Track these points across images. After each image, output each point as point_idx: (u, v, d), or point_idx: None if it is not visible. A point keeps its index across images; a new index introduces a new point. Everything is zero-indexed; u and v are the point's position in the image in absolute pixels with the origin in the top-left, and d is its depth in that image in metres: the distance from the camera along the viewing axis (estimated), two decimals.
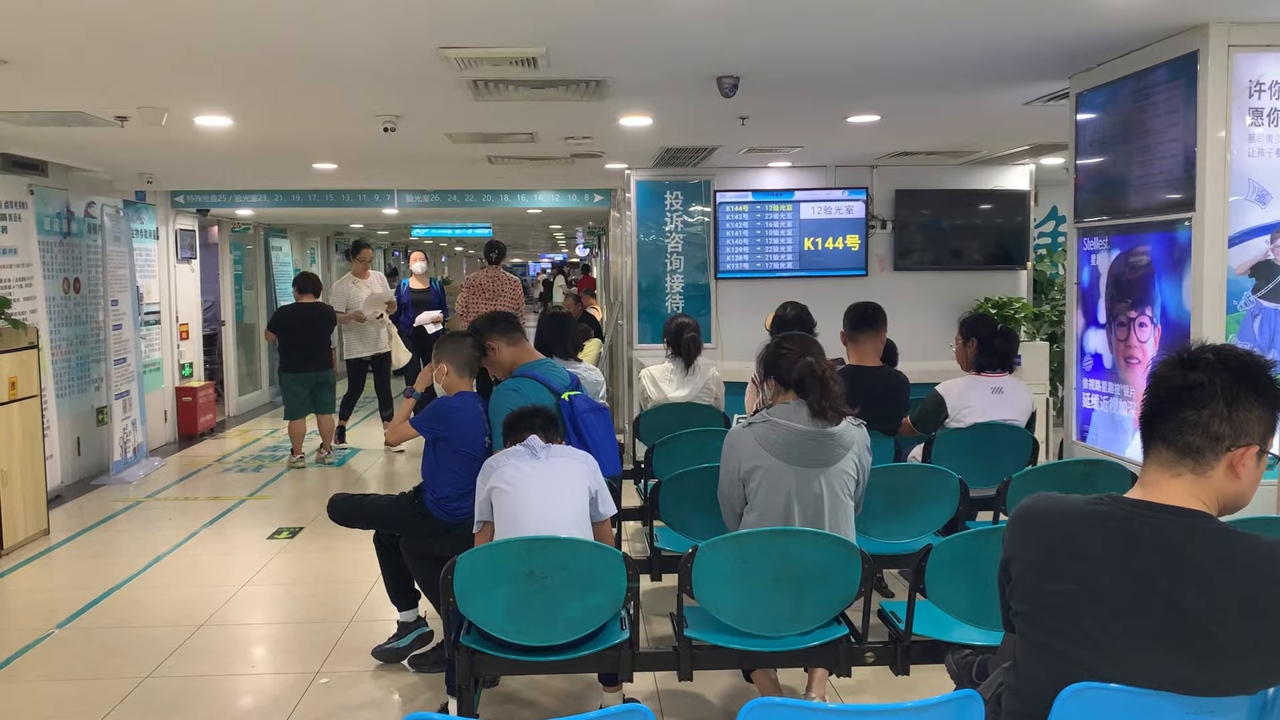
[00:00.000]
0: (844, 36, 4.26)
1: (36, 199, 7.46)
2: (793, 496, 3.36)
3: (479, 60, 4.47)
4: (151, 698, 4.15)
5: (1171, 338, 4.22)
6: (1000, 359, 4.94)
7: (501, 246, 9.62)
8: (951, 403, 4.86)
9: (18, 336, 6.37)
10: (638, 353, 8.52)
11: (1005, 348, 4.96)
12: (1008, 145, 7.76)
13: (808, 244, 8.52)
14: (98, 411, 8.41)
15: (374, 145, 7.06)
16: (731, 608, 3.22)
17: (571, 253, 28.89)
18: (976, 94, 5.51)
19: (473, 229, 15.63)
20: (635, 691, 3.97)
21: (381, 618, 4.84)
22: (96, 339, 8.44)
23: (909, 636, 3.23)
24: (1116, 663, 1.79)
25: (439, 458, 4.22)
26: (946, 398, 4.89)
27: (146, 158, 7.90)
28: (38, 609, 5.30)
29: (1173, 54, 4.16)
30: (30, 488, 6.45)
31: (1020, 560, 1.91)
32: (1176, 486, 1.84)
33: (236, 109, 5.84)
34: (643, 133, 6.67)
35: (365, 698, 4.16)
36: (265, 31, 4.05)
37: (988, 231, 8.69)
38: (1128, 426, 4.54)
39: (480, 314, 4.81)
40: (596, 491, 3.61)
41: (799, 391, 3.40)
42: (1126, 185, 4.54)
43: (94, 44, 4.24)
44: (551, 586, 3.17)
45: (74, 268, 8.22)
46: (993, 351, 4.93)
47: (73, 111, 5.69)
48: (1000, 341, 4.97)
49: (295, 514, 7.16)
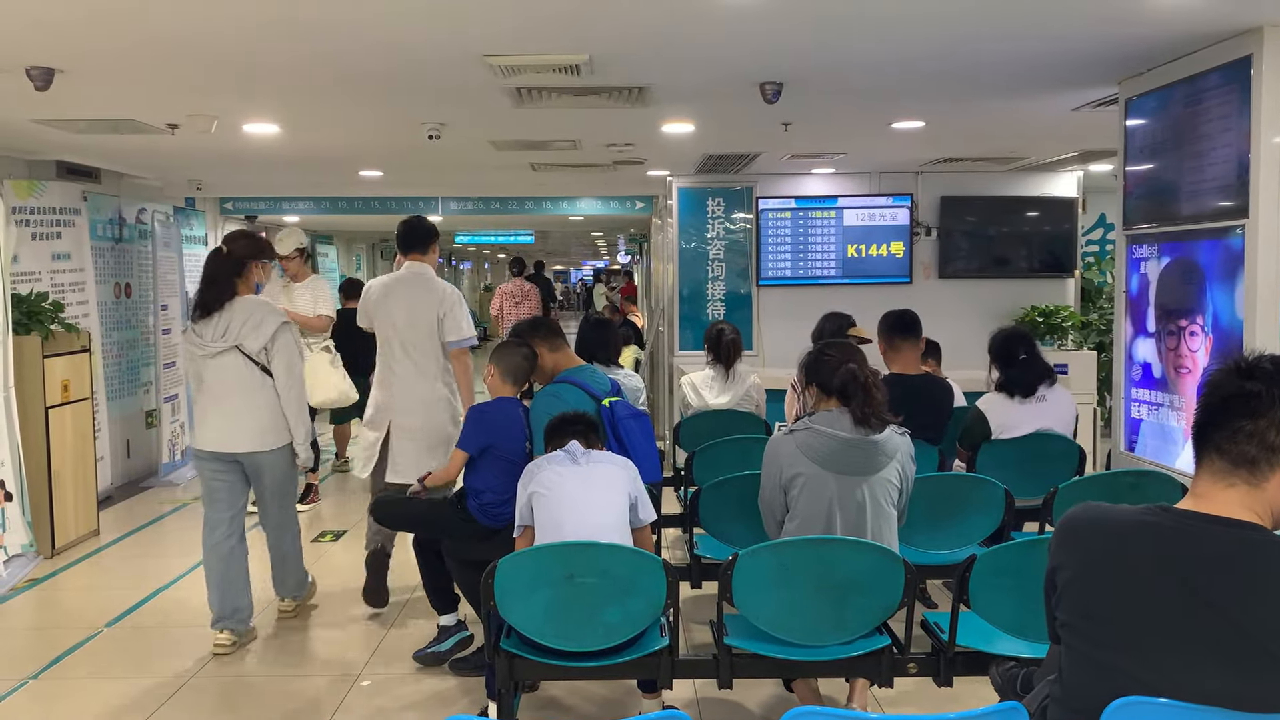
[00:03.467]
0: (888, 41, 4.23)
1: (90, 205, 7.60)
2: (834, 504, 3.33)
3: (522, 68, 4.49)
4: (197, 697, 4.21)
5: (1223, 347, 4.14)
6: (1022, 389, 4.70)
7: (523, 261, 12.10)
8: (995, 420, 4.73)
9: (70, 340, 6.49)
10: (679, 360, 8.51)
11: (1025, 379, 4.70)
12: (1055, 151, 7.67)
13: (851, 251, 8.47)
14: (147, 414, 8.55)
15: (419, 153, 7.12)
16: (772, 616, 3.20)
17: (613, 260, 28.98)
18: (1024, 99, 5.45)
19: (515, 235, 15.72)
20: (674, 699, 3.96)
21: (423, 621, 4.87)
22: (146, 343, 8.59)
23: (952, 647, 3.19)
24: (1164, 676, 1.75)
25: (482, 463, 4.24)
26: (989, 413, 4.74)
27: (196, 165, 8.03)
28: (87, 608, 5.39)
29: (1226, 58, 4.09)
30: (81, 489, 6.56)
31: (1066, 570, 1.88)
32: (1229, 497, 1.80)
33: (284, 117, 5.92)
34: (685, 139, 6.67)
35: (406, 701, 4.18)
36: (313, 41, 4.10)
37: (1035, 239, 8.59)
38: (1177, 437, 4.46)
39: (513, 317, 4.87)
40: (636, 497, 3.60)
41: (841, 398, 3.38)
42: (1177, 192, 4.46)
43: (146, 54, 4.32)
44: (591, 591, 3.17)
45: (125, 273, 8.37)
46: (1012, 382, 4.71)
47: (125, 119, 5.80)
48: (1021, 372, 4.71)
49: (340, 517, 7.23)
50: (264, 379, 4.59)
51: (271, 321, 4.59)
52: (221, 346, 4.53)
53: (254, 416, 4.59)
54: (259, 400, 4.58)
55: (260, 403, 4.59)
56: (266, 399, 4.59)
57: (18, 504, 5.79)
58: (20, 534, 5.80)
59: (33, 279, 6.84)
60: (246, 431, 4.59)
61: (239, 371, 4.56)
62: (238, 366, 4.56)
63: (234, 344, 4.53)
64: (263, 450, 4.64)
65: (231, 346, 4.54)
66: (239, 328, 4.53)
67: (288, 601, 5.11)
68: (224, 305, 4.55)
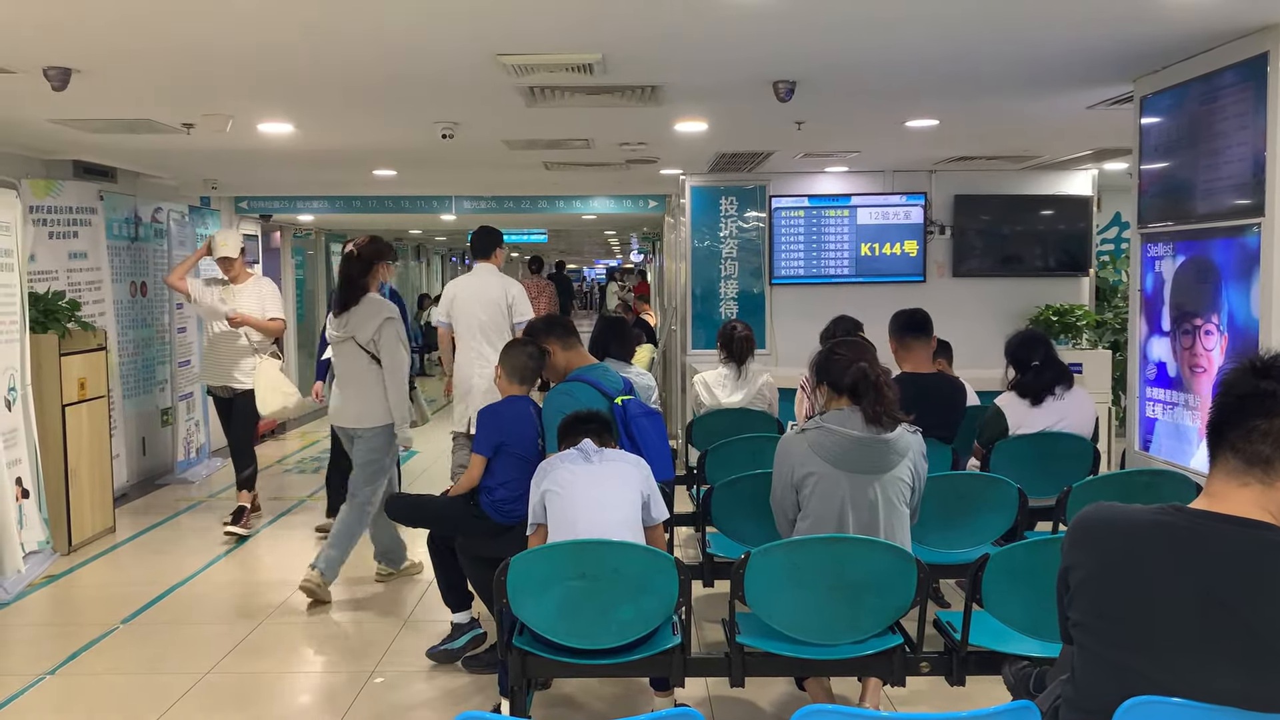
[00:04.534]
0: (901, 40, 4.22)
1: (106, 204, 7.65)
2: (846, 503, 3.33)
3: (535, 67, 4.50)
4: (211, 693, 4.23)
5: (1239, 346, 4.12)
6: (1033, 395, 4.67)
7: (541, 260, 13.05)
8: (1012, 419, 4.71)
9: (87, 339, 6.54)
10: (691, 358, 8.51)
11: (1035, 386, 4.68)
12: (1070, 150, 7.64)
13: (864, 250, 8.46)
14: (162, 412, 8.60)
15: (433, 152, 7.14)
16: (784, 614, 3.20)
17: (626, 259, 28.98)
18: (1038, 98, 5.43)
19: (528, 234, 15.75)
20: (687, 697, 3.96)
21: (436, 619, 4.88)
22: (162, 341, 8.63)
23: (965, 647, 3.19)
24: (1177, 675, 1.75)
25: (495, 460, 4.25)
26: (1006, 411, 4.72)
27: (211, 164, 8.08)
28: (103, 604, 5.43)
29: (1242, 56, 4.07)
30: (98, 486, 6.61)
31: (1079, 570, 1.88)
32: (1243, 497, 1.80)
33: (298, 117, 5.95)
34: (698, 138, 6.67)
35: (419, 698, 4.20)
36: (327, 42, 4.12)
37: (1049, 237, 8.56)
38: (1192, 436, 4.44)
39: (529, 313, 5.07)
40: (649, 496, 3.61)
41: (852, 397, 3.37)
42: (1193, 190, 4.44)
43: (162, 55, 4.35)
44: (603, 589, 3.18)
45: (141, 271, 8.42)
46: (1024, 387, 4.68)
47: (141, 119, 5.83)
48: (1034, 378, 4.67)
49: None
50: (373, 366, 5.16)
51: (379, 316, 5.17)
52: (344, 336, 5.20)
53: (359, 399, 5.20)
54: (366, 384, 5.17)
55: (366, 386, 5.17)
56: (372, 384, 5.16)
57: (35, 501, 5.84)
58: (37, 531, 5.84)
59: (50, 278, 6.89)
60: (351, 410, 5.25)
61: (354, 359, 5.20)
62: (354, 354, 5.19)
63: (351, 335, 5.17)
64: (358, 428, 5.22)
65: (349, 337, 5.18)
66: (357, 321, 5.16)
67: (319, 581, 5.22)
68: (358, 301, 5.17)
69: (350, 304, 5.17)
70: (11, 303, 5.74)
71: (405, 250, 18.39)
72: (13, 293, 5.75)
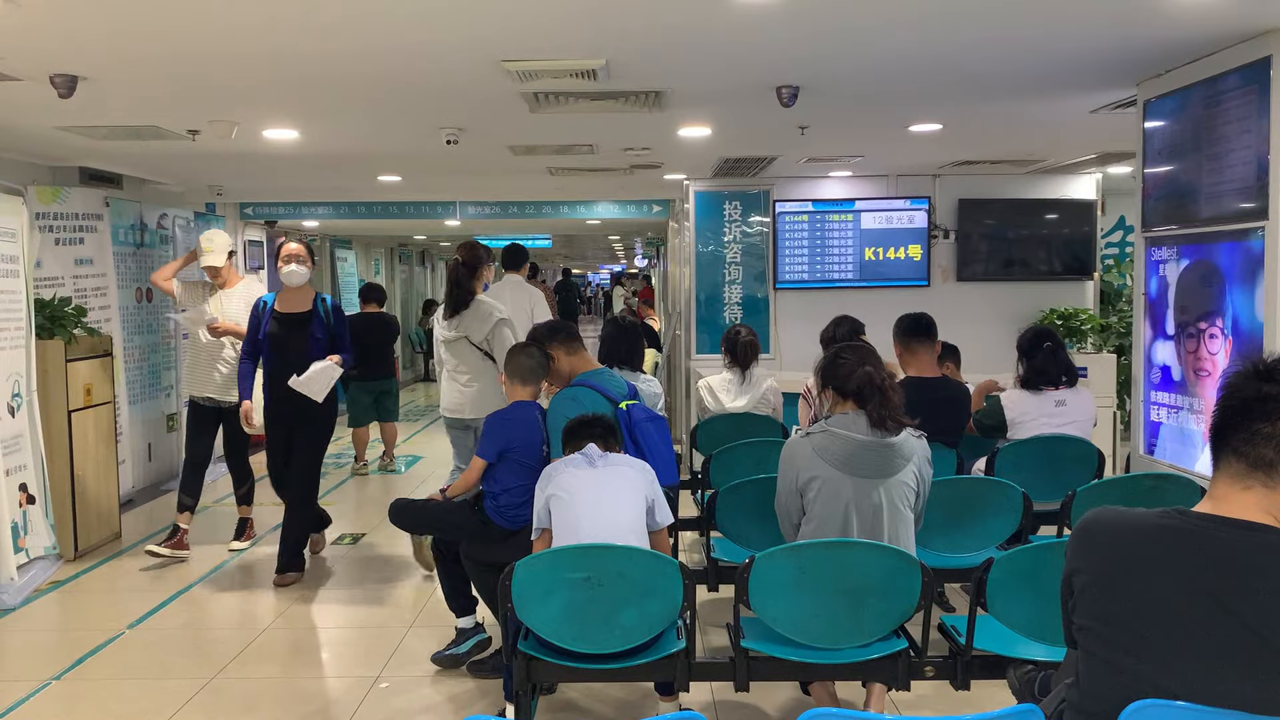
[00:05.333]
0: (905, 45, 4.23)
1: (112, 211, 7.67)
2: (851, 507, 3.33)
3: (539, 72, 4.51)
4: (216, 699, 4.24)
5: (1243, 349, 4.12)
6: (1046, 379, 4.78)
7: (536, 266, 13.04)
8: (1010, 414, 4.77)
9: (93, 345, 6.55)
10: (696, 363, 8.51)
11: (1046, 368, 4.78)
12: (1074, 154, 7.64)
13: (869, 254, 8.46)
14: (168, 418, 8.61)
15: (437, 158, 7.17)
16: (789, 619, 3.20)
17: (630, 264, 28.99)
18: (1042, 102, 5.43)
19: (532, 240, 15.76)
20: (691, 701, 3.96)
21: (441, 623, 4.89)
22: (167, 347, 8.65)
23: (970, 651, 3.19)
24: (1182, 679, 1.75)
25: (499, 465, 4.25)
26: (1005, 404, 4.82)
27: (216, 170, 8.10)
28: (109, 610, 5.44)
29: (1245, 59, 4.07)
30: (103, 492, 6.62)
31: (1084, 574, 1.88)
32: (1246, 500, 1.80)
33: (303, 123, 5.97)
34: (702, 143, 6.68)
35: (424, 703, 4.20)
36: (332, 48, 4.13)
37: (1053, 241, 8.55)
38: (1197, 440, 4.43)
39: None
40: (654, 500, 3.61)
41: (857, 401, 3.37)
42: (1196, 194, 4.44)
43: (168, 62, 4.36)
44: (608, 594, 3.18)
45: (146, 278, 8.41)
46: (1037, 372, 4.79)
47: (147, 125, 5.86)
48: (1044, 361, 4.78)
49: (358, 520, 7.27)
50: (486, 361, 5.53)
51: (491, 319, 5.53)
52: (456, 335, 5.54)
53: (479, 394, 5.54)
54: (482, 379, 5.52)
55: (482, 381, 5.52)
56: (489, 379, 5.49)
57: (41, 507, 5.85)
58: (43, 536, 5.86)
59: (56, 284, 6.91)
60: (470, 404, 5.58)
61: (467, 356, 5.54)
62: (467, 352, 5.54)
63: (464, 334, 5.53)
64: (478, 418, 5.31)
65: (462, 336, 5.53)
66: (469, 322, 5.50)
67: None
68: (468, 305, 5.51)
69: (461, 308, 5.51)
70: (17, 309, 5.76)
71: (410, 256, 18.41)
72: (19, 299, 5.77)
